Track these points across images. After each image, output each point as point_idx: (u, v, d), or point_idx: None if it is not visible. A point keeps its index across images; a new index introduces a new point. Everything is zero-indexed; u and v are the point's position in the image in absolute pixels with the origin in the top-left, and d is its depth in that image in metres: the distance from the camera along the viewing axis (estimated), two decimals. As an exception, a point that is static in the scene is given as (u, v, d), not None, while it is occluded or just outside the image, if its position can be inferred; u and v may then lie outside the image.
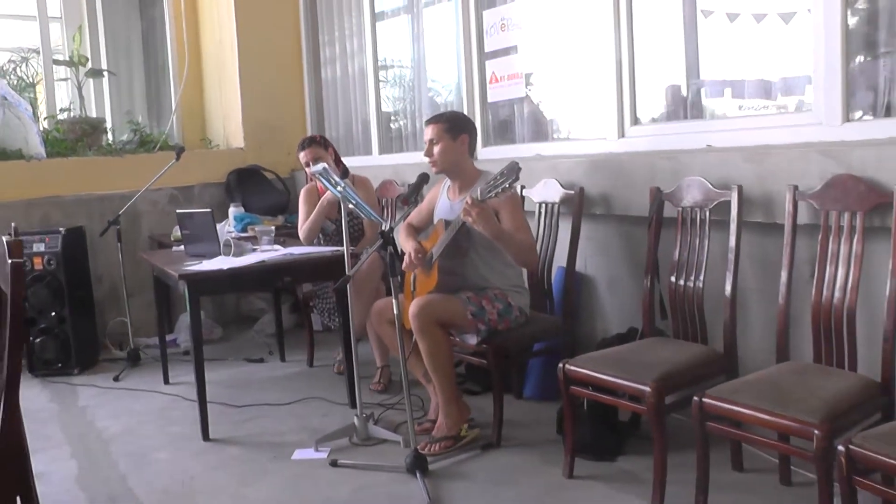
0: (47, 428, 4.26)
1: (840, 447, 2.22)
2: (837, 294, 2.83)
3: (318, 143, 4.79)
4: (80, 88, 6.74)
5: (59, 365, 5.28)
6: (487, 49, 4.94)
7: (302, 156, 4.74)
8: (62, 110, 6.68)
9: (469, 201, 3.35)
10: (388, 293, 4.04)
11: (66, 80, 6.99)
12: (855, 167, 2.83)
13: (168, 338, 5.31)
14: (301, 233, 4.80)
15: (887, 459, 2.12)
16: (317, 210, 4.69)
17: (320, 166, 3.78)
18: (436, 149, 3.72)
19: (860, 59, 3.23)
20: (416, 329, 3.49)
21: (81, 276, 5.53)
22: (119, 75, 7.62)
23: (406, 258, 3.68)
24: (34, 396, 4.86)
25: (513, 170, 3.23)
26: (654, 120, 4.13)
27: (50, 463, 3.73)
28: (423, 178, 3.68)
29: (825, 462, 2.35)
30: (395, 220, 3.65)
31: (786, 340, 3.00)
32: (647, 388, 2.87)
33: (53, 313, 5.24)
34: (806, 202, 2.97)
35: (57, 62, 6.94)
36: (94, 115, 7.09)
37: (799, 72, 3.39)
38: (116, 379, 5.13)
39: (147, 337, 5.86)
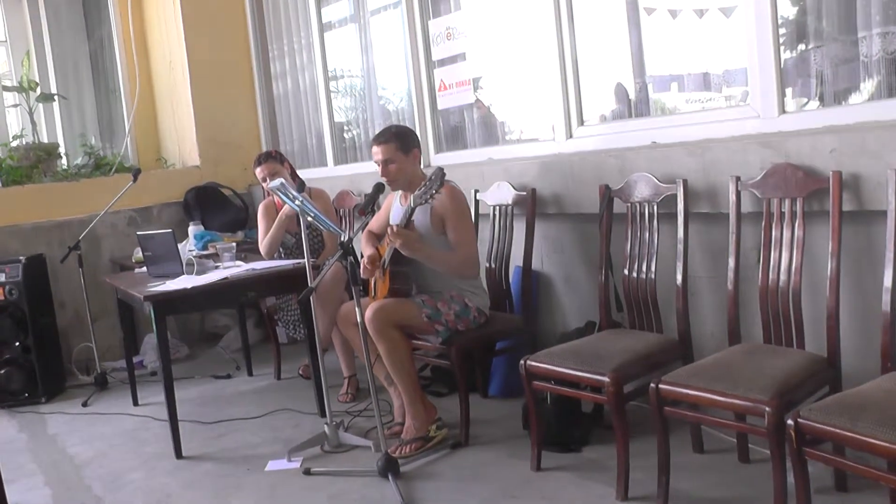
0: (18, 458, 4.25)
1: (789, 421, 2.34)
2: (783, 277, 2.95)
3: (274, 158, 4.83)
4: (31, 114, 6.71)
5: (26, 395, 5.24)
6: (435, 57, 5.03)
7: (258, 171, 4.77)
8: (15, 137, 6.64)
9: (392, 231, 3.52)
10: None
11: (16, 106, 6.95)
12: (792, 156, 2.96)
13: (134, 360, 5.31)
14: (262, 247, 4.84)
15: (833, 429, 2.24)
16: (276, 224, 4.73)
17: (277, 181, 3.84)
18: (393, 168, 3.78)
19: (793, 53, 3.37)
20: (373, 332, 3.57)
21: (44, 303, 5.51)
22: (69, 99, 7.60)
23: (362, 265, 3.78)
24: (2, 428, 4.85)
25: (437, 176, 3.41)
26: (603, 118, 4.24)
27: (24, 493, 3.74)
28: (379, 188, 3.77)
29: (777, 436, 2.47)
30: (354, 231, 3.72)
31: (737, 324, 3.12)
32: (606, 379, 2.97)
33: (17, 343, 5.21)
34: (748, 191, 3.09)
35: (7, 88, 6.91)
36: (46, 140, 7.06)
37: (741, 64, 3.51)
38: (85, 404, 5.12)
39: (113, 360, 5.86)
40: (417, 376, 3.79)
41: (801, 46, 3.35)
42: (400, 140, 3.79)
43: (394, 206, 3.97)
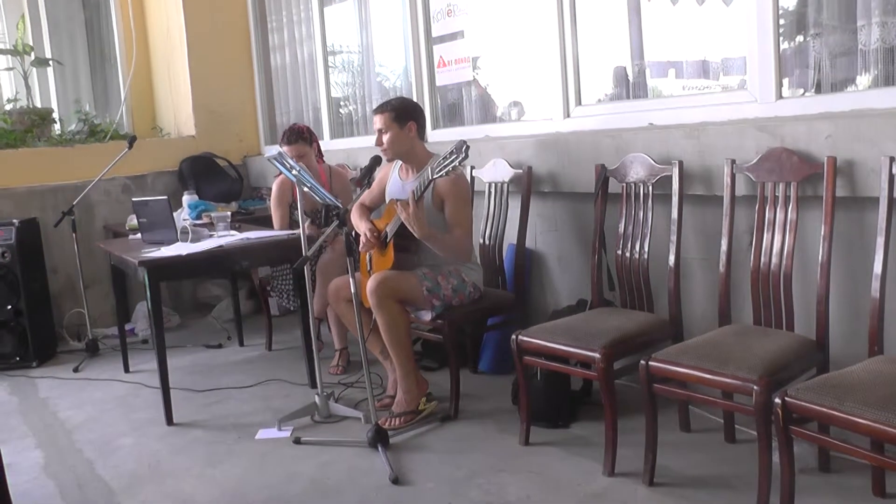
0: (9, 420, 4.28)
1: (777, 399, 2.38)
2: (774, 260, 2.99)
3: (304, 139, 4.65)
4: (25, 78, 6.68)
5: (17, 358, 5.25)
6: (435, 34, 5.02)
7: (286, 150, 4.58)
8: (9, 101, 6.61)
9: (403, 203, 3.50)
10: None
11: (10, 69, 6.92)
12: (788, 141, 2.98)
13: (126, 327, 5.32)
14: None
15: (819, 408, 2.29)
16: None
17: (275, 152, 3.85)
18: (385, 137, 3.78)
19: (792, 42, 3.39)
20: (374, 304, 3.58)
21: (37, 268, 5.50)
22: (64, 64, 7.56)
23: (362, 238, 3.78)
24: (-7, 390, 4.87)
25: (460, 148, 3.31)
26: (600, 100, 4.26)
27: (15, 454, 3.75)
28: (376, 161, 3.78)
29: (765, 414, 2.51)
30: (350, 202, 3.73)
31: (727, 305, 3.16)
32: (597, 355, 3.01)
33: (10, 306, 5.21)
34: (743, 174, 3.12)
35: (1, 51, 6.88)
36: (39, 104, 7.03)
37: (739, 52, 3.53)
38: (76, 370, 5.13)
39: (105, 327, 5.88)
40: (413, 351, 3.82)
41: (800, 36, 3.37)
42: (396, 111, 3.79)
43: (391, 179, 3.98)
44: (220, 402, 4.31)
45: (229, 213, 4.94)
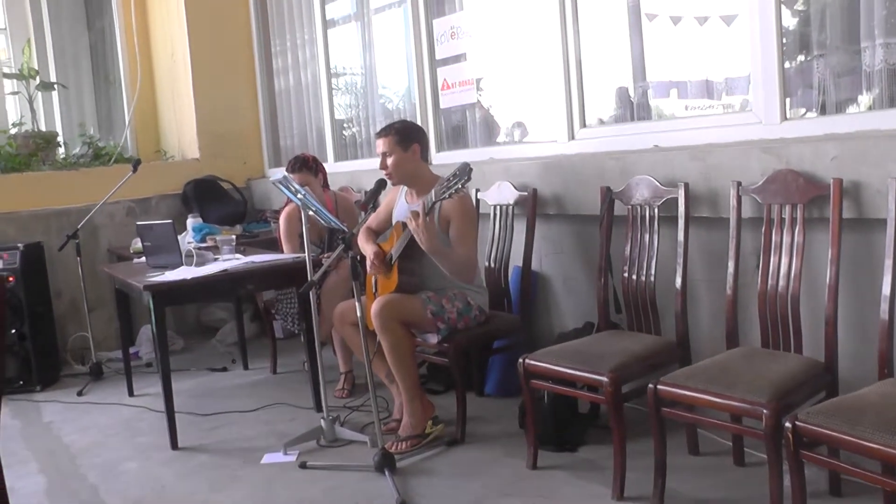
0: (12, 445, 4.24)
1: (787, 423, 2.36)
2: (782, 282, 2.97)
3: (309, 169, 4.69)
4: (31, 102, 6.71)
5: (21, 382, 5.23)
6: (438, 56, 5.04)
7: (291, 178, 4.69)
8: (14, 125, 6.64)
9: (414, 214, 3.48)
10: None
11: (16, 93, 6.95)
12: (793, 162, 2.98)
13: (130, 350, 5.30)
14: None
15: (830, 432, 2.27)
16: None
17: (279, 175, 3.85)
18: (389, 161, 3.79)
19: (796, 61, 3.40)
20: (378, 327, 3.57)
21: (41, 291, 5.49)
22: (68, 88, 7.60)
23: (368, 262, 3.78)
24: (-4, 414, 4.85)
25: (464, 171, 3.33)
26: (602, 122, 4.26)
27: (18, 479, 3.72)
28: (381, 184, 3.77)
29: (775, 439, 2.49)
30: (356, 226, 3.73)
31: (735, 327, 3.14)
32: (605, 378, 2.99)
33: (13, 330, 5.19)
34: (749, 196, 3.12)
35: (7, 75, 6.91)
36: (44, 128, 7.06)
37: (742, 72, 3.53)
38: (80, 394, 5.11)
39: (109, 351, 5.86)
40: (418, 374, 3.80)
41: (803, 56, 3.38)
42: (399, 134, 3.80)
43: (398, 203, 3.98)
44: (224, 426, 4.29)
45: (234, 237, 4.93)
